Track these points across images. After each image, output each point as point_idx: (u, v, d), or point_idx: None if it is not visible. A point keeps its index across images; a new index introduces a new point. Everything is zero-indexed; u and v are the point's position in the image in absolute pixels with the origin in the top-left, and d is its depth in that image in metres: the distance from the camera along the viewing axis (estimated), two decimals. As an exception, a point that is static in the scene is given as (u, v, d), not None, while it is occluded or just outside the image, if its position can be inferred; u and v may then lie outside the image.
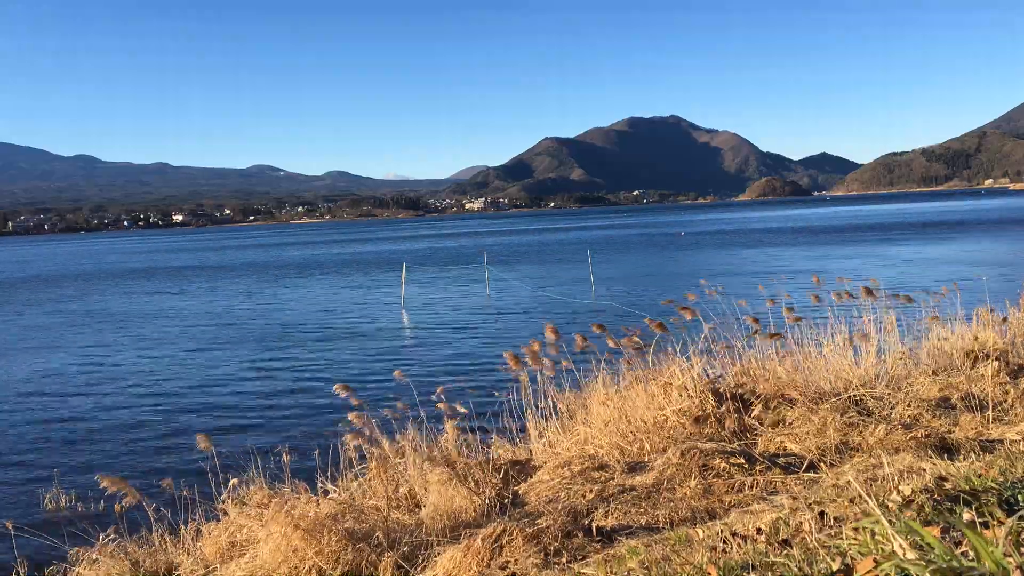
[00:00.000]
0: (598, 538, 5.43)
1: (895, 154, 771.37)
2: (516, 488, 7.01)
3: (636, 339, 8.61)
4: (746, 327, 9.13)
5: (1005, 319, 10.13)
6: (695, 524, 5.22)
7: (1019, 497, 3.81)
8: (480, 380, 17.11)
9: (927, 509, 3.65)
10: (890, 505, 3.84)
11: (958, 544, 3.11)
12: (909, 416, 7.49)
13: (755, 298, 10.62)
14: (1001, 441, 6.55)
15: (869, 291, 9.52)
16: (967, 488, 4.05)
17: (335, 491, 7.06)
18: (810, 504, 4.77)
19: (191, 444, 13.71)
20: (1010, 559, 2.31)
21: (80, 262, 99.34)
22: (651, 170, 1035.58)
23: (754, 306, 9.95)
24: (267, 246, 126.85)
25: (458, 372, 18.78)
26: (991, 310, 10.02)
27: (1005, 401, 7.90)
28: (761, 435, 7.31)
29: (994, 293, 10.67)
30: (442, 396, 7.91)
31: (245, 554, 6.10)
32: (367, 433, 7.42)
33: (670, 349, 8.23)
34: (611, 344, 8.51)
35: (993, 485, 4.08)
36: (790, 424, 7.36)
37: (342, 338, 26.69)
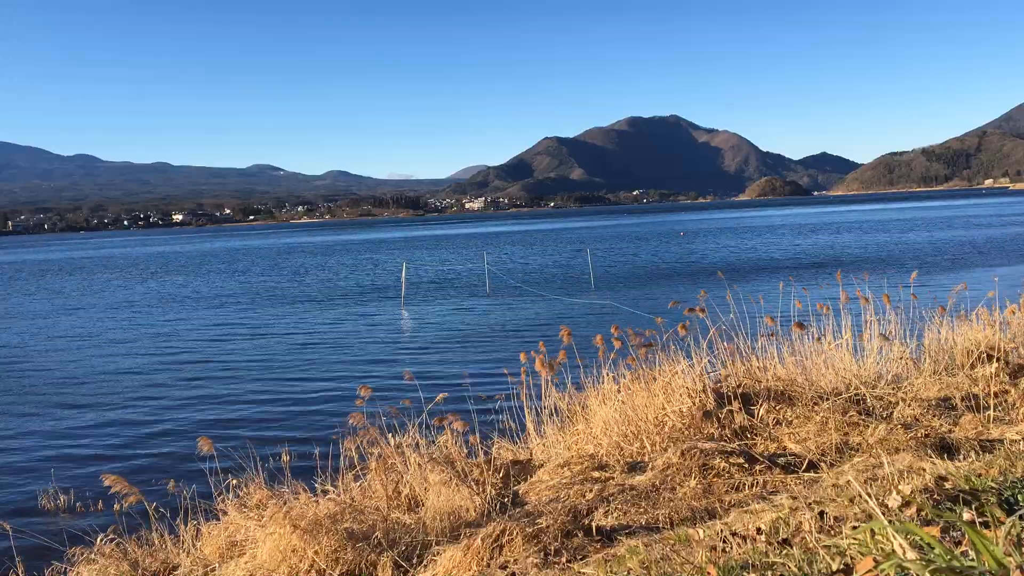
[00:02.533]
0: (598, 538, 5.43)
1: (895, 154, 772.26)
2: (516, 488, 7.01)
3: (640, 339, 8.60)
4: (750, 326, 9.10)
5: (1006, 319, 10.11)
6: (695, 524, 5.21)
7: (1019, 497, 3.80)
8: (480, 380, 17.11)
9: (927, 509, 3.64)
10: (890, 505, 3.83)
11: (958, 544, 3.11)
12: (909, 416, 7.49)
13: (755, 296, 10.61)
14: (1001, 441, 6.54)
15: (868, 299, 9.52)
16: (967, 488, 4.04)
17: (334, 491, 7.05)
18: (810, 504, 4.76)
19: (191, 443, 13.71)
20: (1010, 558, 2.30)
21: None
22: (651, 170, 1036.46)
23: (751, 305, 9.94)
24: (268, 246, 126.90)
25: (458, 371, 18.77)
26: (992, 310, 10.00)
27: (1005, 401, 7.89)
28: (761, 435, 7.30)
29: (1004, 296, 10.62)
30: (440, 397, 7.90)
31: (244, 554, 6.09)
32: (367, 433, 7.41)
33: (672, 346, 8.22)
34: (622, 344, 8.49)
35: (993, 485, 4.07)
36: (791, 424, 7.36)
37: (342, 338, 26.69)
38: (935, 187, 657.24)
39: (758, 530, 4.20)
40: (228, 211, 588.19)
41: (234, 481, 7.21)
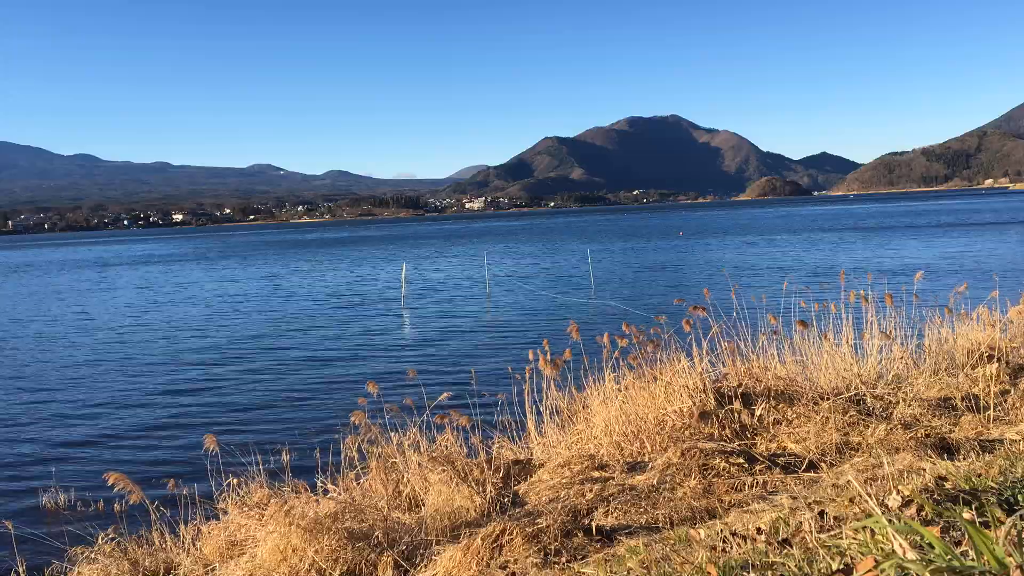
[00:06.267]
0: (598, 537, 5.43)
1: (895, 154, 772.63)
2: (516, 488, 7.01)
3: (643, 336, 8.59)
4: (750, 325, 9.10)
5: (1008, 319, 10.10)
6: (695, 523, 5.21)
7: (1019, 497, 3.80)
8: (480, 379, 17.09)
9: (927, 509, 3.64)
10: (890, 505, 3.83)
11: (958, 544, 3.11)
12: (909, 416, 7.49)
13: (757, 295, 10.60)
14: (1001, 441, 6.54)
15: (866, 298, 9.51)
16: (967, 488, 4.04)
17: (335, 490, 7.06)
18: (810, 504, 4.77)
19: (191, 442, 13.72)
20: (1011, 558, 2.31)
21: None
22: (651, 170, 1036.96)
23: (752, 303, 9.93)
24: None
25: (458, 371, 18.78)
26: (993, 310, 9.99)
27: (1005, 401, 7.89)
28: (761, 434, 7.30)
29: (1005, 294, 10.59)
30: (444, 396, 7.90)
31: (244, 553, 6.09)
32: (368, 432, 7.42)
33: (674, 345, 8.22)
34: (625, 343, 8.47)
35: (993, 485, 4.07)
36: (791, 423, 7.36)
37: (342, 337, 26.69)
38: (935, 187, 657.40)
39: (758, 530, 4.20)
40: (228, 211, 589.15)
41: (235, 480, 7.21)
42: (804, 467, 6.54)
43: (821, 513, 4.21)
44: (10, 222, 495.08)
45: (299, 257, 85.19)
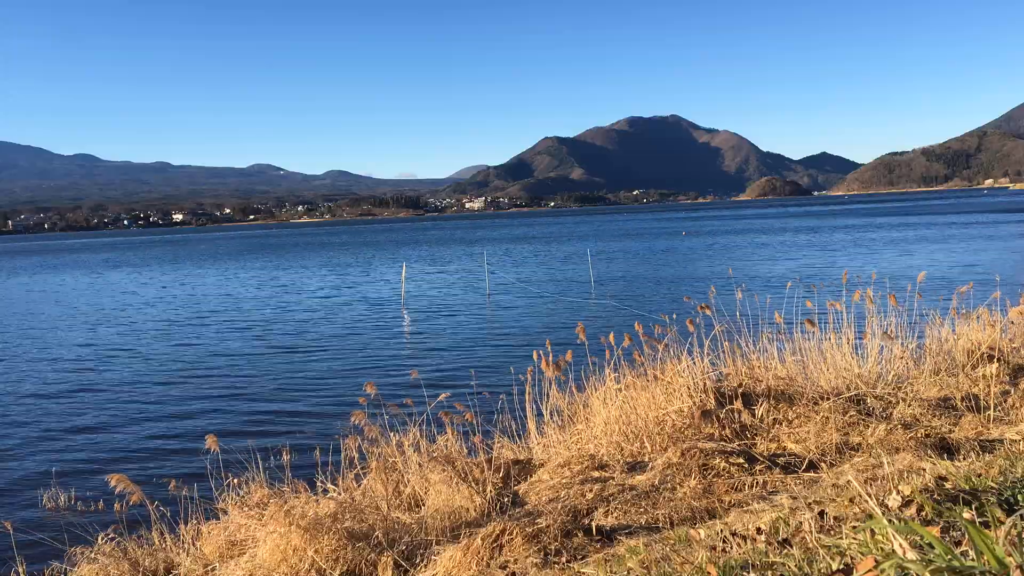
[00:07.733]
0: (598, 537, 5.43)
1: (895, 154, 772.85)
2: (516, 488, 7.01)
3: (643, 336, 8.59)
4: (752, 325, 9.09)
5: (1008, 320, 10.09)
6: (695, 523, 5.21)
7: (1019, 497, 3.80)
8: (480, 379, 17.10)
9: (927, 509, 3.64)
10: (890, 505, 3.83)
11: (958, 544, 3.11)
12: (909, 416, 7.49)
13: (760, 294, 10.60)
14: (1001, 441, 6.54)
15: (871, 298, 9.51)
16: (967, 488, 4.04)
17: (335, 490, 7.06)
18: (810, 504, 4.77)
19: (190, 443, 13.72)
20: (1011, 558, 2.31)
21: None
22: (651, 170, 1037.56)
23: (754, 303, 9.93)
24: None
25: (458, 371, 18.77)
26: (993, 310, 9.98)
27: (1005, 401, 7.89)
28: (762, 434, 7.30)
29: (1005, 294, 10.58)
30: (443, 396, 7.90)
31: (244, 553, 6.10)
32: (368, 432, 7.42)
33: (675, 345, 8.22)
34: (627, 342, 8.46)
35: (993, 485, 4.07)
36: (791, 423, 7.36)
37: (342, 337, 26.68)
38: (935, 187, 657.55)
39: (758, 530, 4.20)
40: (228, 211, 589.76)
41: (235, 480, 7.21)
42: (804, 467, 6.54)
43: (821, 513, 4.20)
44: (10, 222, 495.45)
45: (300, 258, 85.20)
